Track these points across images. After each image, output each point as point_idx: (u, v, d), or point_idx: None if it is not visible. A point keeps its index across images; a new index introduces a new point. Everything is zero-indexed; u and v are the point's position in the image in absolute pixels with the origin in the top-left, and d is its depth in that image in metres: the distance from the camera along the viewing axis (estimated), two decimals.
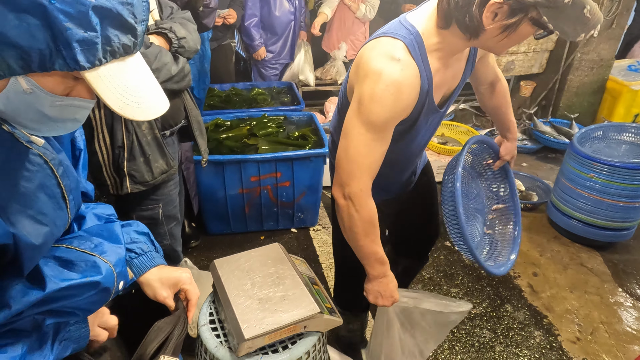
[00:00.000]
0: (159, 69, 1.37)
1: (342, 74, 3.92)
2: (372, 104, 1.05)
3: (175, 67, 1.44)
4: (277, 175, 2.46)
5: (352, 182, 1.14)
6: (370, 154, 1.12)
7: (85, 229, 0.86)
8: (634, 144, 2.58)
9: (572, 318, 2.16)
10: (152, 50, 1.35)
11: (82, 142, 0.92)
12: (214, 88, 3.32)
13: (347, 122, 1.12)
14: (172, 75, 1.42)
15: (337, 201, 1.22)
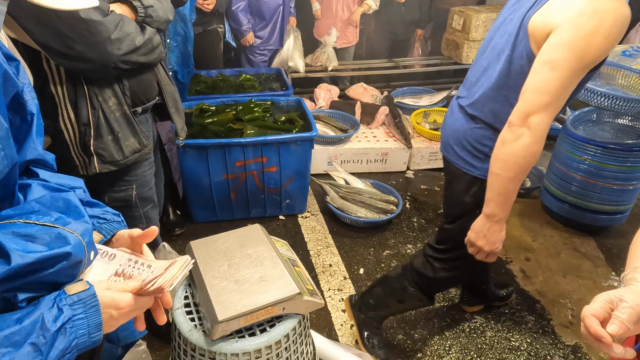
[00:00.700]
0: (120, 39, 1.28)
1: (333, 61, 3.85)
2: (596, 38, 1.05)
3: (141, 38, 1.35)
4: (263, 160, 2.39)
5: (542, 112, 1.12)
6: (569, 89, 1.12)
7: (37, 199, 0.79)
8: (628, 127, 2.53)
9: (565, 303, 2.12)
10: (112, 18, 1.27)
11: (35, 106, 0.85)
12: (200, 74, 3.24)
13: (557, 55, 1.10)
14: (136, 47, 1.34)
15: (510, 129, 1.17)
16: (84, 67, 1.29)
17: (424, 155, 3.20)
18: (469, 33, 3.70)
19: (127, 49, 1.32)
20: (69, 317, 0.61)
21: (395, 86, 4.32)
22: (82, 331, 0.62)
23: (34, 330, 0.56)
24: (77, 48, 1.24)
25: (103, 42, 1.26)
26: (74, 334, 0.60)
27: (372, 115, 3.38)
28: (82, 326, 0.62)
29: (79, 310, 0.62)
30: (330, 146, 3.06)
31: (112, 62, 1.31)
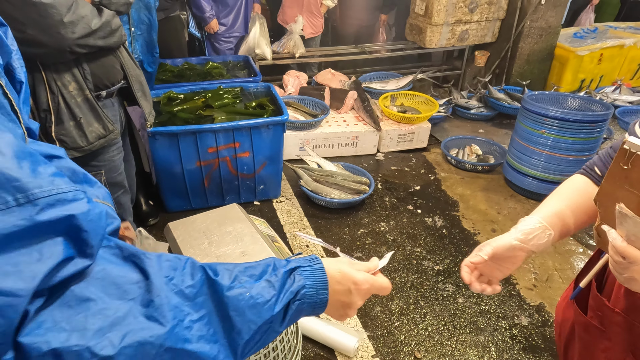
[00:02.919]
0: (74, 22, 1.25)
1: (300, 48, 3.86)
2: None
3: (97, 20, 1.32)
4: (236, 145, 2.39)
5: None
6: None
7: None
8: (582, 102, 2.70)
9: (528, 267, 2.26)
10: (64, 1, 1.24)
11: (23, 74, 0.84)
12: (165, 63, 3.18)
13: None
14: (92, 30, 1.30)
15: None
16: (39, 52, 1.26)
17: (392, 137, 3.29)
18: (431, 17, 3.79)
19: (82, 32, 1.29)
20: (296, 265, 0.63)
21: (362, 72, 4.38)
22: (309, 282, 0.62)
23: (267, 271, 0.59)
24: (29, 32, 1.21)
25: (56, 26, 1.23)
26: (303, 281, 0.61)
27: (341, 100, 3.42)
28: (310, 278, 0.62)
29: (305, 265, 0.63)
30: (302, 131, 3.08)
31: (67, 46, 1.27)
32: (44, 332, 0.39)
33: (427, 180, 3.00)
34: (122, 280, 0.46)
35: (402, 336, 1.86)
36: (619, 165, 0.67)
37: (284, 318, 0.59)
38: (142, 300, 0.46)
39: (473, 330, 1.90)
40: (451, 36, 3.97)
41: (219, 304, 0.53)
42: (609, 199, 0.71)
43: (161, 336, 0.45)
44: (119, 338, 0.42)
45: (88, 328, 0.41)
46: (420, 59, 4.73)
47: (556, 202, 0.91)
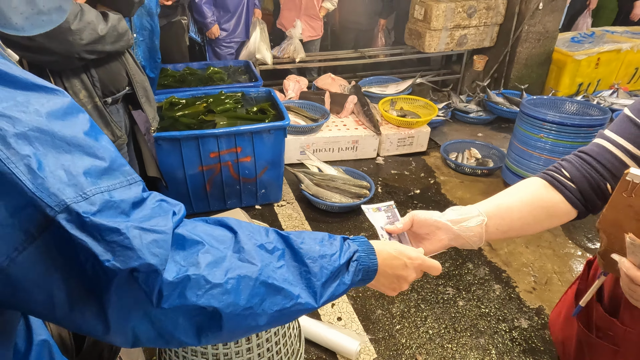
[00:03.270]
0: (80, 30, 1.26)
1: (300, 53, 3.89)
2: None
3: (104, 26, 1.34)
4: (237, 150, 2.41)
5: None
6: None
7: None
8: (580, 106, 2.73)
9: (528, 271, 2.28)
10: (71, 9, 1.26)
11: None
12: (167, 68, 3.20)
13: None
14: (100, 36, 1.32)
15: None
16: (47, 59, 1.28)
17: (392, 141, 3.31)
18: (430, 22, 3.83)
19: (89, 38, 1.31)
20: (346, 237, 0.74)
21: (361, 76, 4.41)
22: (360, 248, 0.72)
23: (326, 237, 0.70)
24: (38, 40, 1.23)
25: (63, 33, 1.25)
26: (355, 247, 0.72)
27: (341, 105, 3.45)
28: (360, 245, 0.72)
29: (352, 237, 0.75)
30: (302, 136, 3.11)
31: (75, 53, 1.29)
32: (171, 266, 0.51)
33: (427, 184, 3.03)
34: (217, 233, 0.59)
35: (403, 339, 1.88)
36: (622, 195, 0.69)
37: (347, 271, 0.69)
38: (234, 248, 0.58)
39: (473, 333, 1.92)
40: (450, 41, 4.00)
41: (294, 254, 0.64)
42: (614, 227, 0.73)
43: (255, 272, 0.57)
44: (224, 272, 0.55)
45: (200, 264, 0.53)
46: (419, 63, 4.77)
47: (503, 197, 0.86)
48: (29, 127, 0.43)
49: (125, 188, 0.49)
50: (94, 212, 0.45)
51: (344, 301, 2.05)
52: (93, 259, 0.45)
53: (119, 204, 0.47)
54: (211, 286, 0.53)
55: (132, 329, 0.51)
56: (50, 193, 0.43)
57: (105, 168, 0.48)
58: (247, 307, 0.56)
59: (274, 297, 0.59)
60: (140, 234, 0.47)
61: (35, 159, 0.43)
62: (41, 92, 0.47)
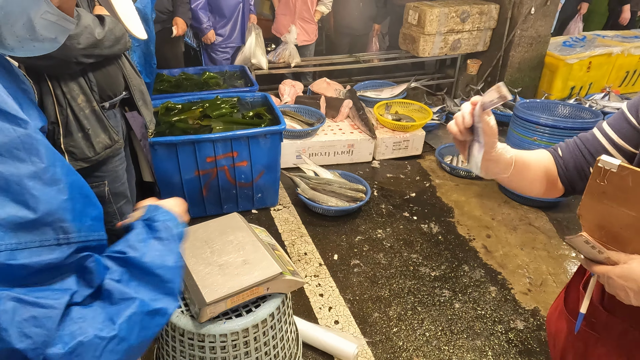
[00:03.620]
0: (78, 34, 1.27)
1: (295, 57, 3.91)
2: None
3: (101, 30, 1.34)
4: (234, 154, 2.42)
5: None
6: None
7: None
8: (572, 109, 2.76)
9: (523, 272, 2.30)
10: None
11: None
12: (162, 73, 3.21)
13: None
14: (97, 40, 1.32)
15: None
16: (45, 64, 1.28)
17: (388, 145, 3.33)
18: (424, 27, 3.86)
19: (86, 42, 1.31)
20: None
21: (356, 80, 4.44)
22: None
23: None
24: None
25: None
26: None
27: (336, 109, 3.47)
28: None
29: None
30: (298, 140, 3.12)
31: (73, 57, 1.30)
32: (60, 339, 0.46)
33: (422, 187, 3.05)
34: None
35: (400, 342, 1.89)
36: (596, 181, 0.72)
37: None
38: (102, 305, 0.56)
39: (470, 335, 1.93)
40: (444, 45, 4.04)
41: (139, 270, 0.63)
42: (589, 212, 0.76)
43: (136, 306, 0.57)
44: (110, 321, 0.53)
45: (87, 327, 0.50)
46: (413, 67, 4.80)
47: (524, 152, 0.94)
48: None
49: (44, 249, 0.44)
50: None
51: (341, 305, 2.06)
52: None
53: (16, 269, 0.41)
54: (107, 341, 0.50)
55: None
56: None
57: (32, 220, 0.43)
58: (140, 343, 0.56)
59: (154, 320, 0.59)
60: (15, 307, 0.41)
61: None
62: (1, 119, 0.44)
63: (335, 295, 2.12)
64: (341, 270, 2.27)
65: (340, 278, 2.22)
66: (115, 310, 0.53)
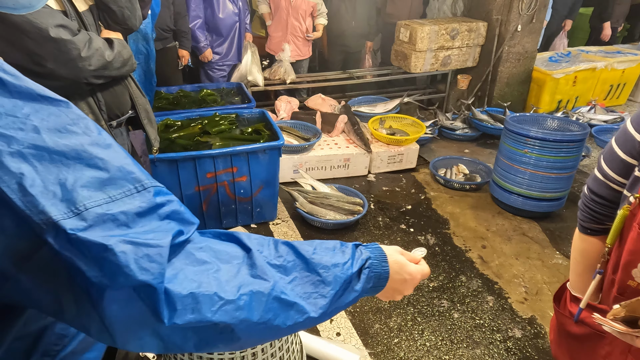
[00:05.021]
0: (90, 57, 1.32)
1: (290, 74, 3.99)
2: None
3: (110, 52, 1.40)
4: (234, 170, 2.46)
5: None
6: None
7: None
8: (561, 122, 2.86)
9: (519, 282, 2.35)
10: (81, 36, 1.32)
11: None
12: (160, 91, 3.26)
13: None
14: (107, 62, 1.38)
15: None
16: (56, 85, 1.32)
17: (383, 159, 3.40)
18: (415, 44, 3.98)
19: (97, 64, 1.37)
20: (359, 243, 0.76)
21: (350, 96, 4.54)
22: (373, 255, 0.73)
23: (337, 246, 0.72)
24: (49, 66, 1.28)
25: (74, 60, 1.31)
26: (368, 254, 0.73)
27: (332, 124, 3.54)
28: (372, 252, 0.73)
29: (365, 244, 0.76)
30: (295, 155, 3.17)
31: (83, 78, 1.35)
32: (181, 282, 0.51)
33: (418, 200, 3.10)
34: (229, 250, 0.60)
35: (401, 352, 1.91)
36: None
37: (359, 279, 0.69)
38: (245, 265, 0.59)
39: (470, 344, 1.96)
40: (435, 61, 4.16)
41: (306, 264, 0.64)
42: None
43: (267, 287, 0.58)
44: (236, 287, 0.55)
45: (211, 281, 0.53)
46: (405, 83, 4.92)
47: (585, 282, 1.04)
48: (25, 144, 0.44)
49: (130, 197, 0.49)
50: (83, 227, 0.45)
51: (342, 316, 2.08)
52: (80, 275, 0.45)
53: (117, 216, 0.47)
54: (224, 302, 0.53)
55: (139, 342, 0.51)
56: (38, 211, 0.43)
57: (109, 178, 0.48)
58: (260, 322, 0.56)
59: (287, 312, 0.59)
60: (130, 249, 0.46)
61: (30, 177, 0.43)
62: (45, 103, 0.48)
63: None
64: None
65: None
66: (246, 281, 0.56)
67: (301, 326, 0.62)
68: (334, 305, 0.65)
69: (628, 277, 0.90)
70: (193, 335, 0.53)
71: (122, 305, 0.47)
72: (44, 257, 0.45)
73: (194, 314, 0.51)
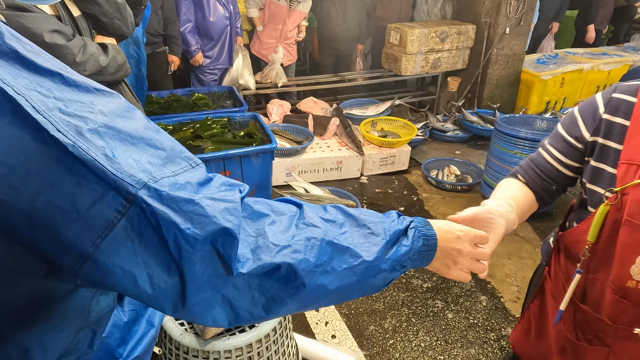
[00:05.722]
0: (84, 62, 1.32)
1: (282, 78, 4.00)
2: None
3: (105, 58, 1.40)
4: (227, 173, 2.45)
5: None
6: None
7: None
8: (549, 123, 2.90)
9: (511, 281, 2.37)
10: (76, 42, 1.31)
11: None
12: (151, 95, 3.24)
13: None
14: (102, 67, 1.38)
15: None
16: None
17: (375, 161, 3.42)
18: (405, 47, 4.01)
19: (92, 69, 1.36)
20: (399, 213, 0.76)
21: (342, 99, 4.55)
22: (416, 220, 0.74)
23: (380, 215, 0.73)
24: None
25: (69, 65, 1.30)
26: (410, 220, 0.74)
27: (324, 127, 3.55)
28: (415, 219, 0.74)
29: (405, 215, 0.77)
30: (288, 158, 3.18)
31: None
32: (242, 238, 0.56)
33: (411, 201, 3.12)
34: (282, 207, 0.65)
35: (397, 353, 1.92)
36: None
37: (406, 236, 0.71)
38: (298, 217, 0.64)
39: (464, 344, 1.97)
40: (425, 64, 4.20)
41: (355, 221, 0.68)
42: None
43: (320, 233, 0.62)
44: (290, 236, 0.60)
45: (267, 231, 0.59)
46: (396, 85, 4.96)
47: (509, 191, 1.05)
48: (98, 124, 0.49)
49: (189, 172, 0.54)
50: (167, 190, 0.50)
51: (337, 319, 2.08)
52: (175, 228, 0.49)
53: (186, 185, 0.52)
54: (281, 247, 0.58)
55: (211, 313, 0.55)
56: (129, 174, 0.48)
57: (167, 156, 0.53)
58: (317, 264, 0.60)
59: (341, 256, 0.63)
60: (212, 203, 0.52)
61: (109, 150, 0.48)
62: (100, 94, 0.53)
63: (330, 310, 2.14)
64: None
65: None
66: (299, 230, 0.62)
67: (359, 272, 0.65)
68: (387, 254, 0.68)
69: (626, 276, 0.86)
70: (260, 295, 0.57)
71: (203, 263, 0.51)
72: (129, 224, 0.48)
73: (254, 263, 0.55)
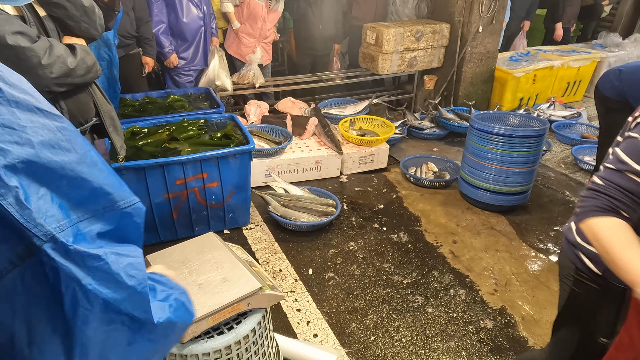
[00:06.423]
0: (51, 64, 1.28)
1: (260, 78, 3.97)
2: None
3: (73, 59, 1.36)
4: (204, 175, 2.42)
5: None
6: None
7: None
8: (522, 119, 2.97)
9: (489, 274, 2.42)
10: (41, 44, 1.28)
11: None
12: (125, 98, 3.18)
13: None
14: (70, 69, 1.34)
15: None
16: None
17: (354, 160, 3.43)
18: (382, 46, 4.05)
19: (59, 72, 1.32)
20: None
21: (320, 99, 4.56)
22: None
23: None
24: None
25: (34, 68, 1.26)
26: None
27: (302, 127, 3.55)
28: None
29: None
30: (267, 159, 3.16)
31: (45, 86, 1.31)
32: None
33: (390, 199, 3.15)
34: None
35: (378, 350, 1.93)
36: None
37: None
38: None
39: (444, 337, 2.00)
40: (401, 63, 4.24)
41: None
42: None
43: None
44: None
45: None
46: (373, 84, 4.99)
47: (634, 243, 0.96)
48: (19, 159, 0.46)
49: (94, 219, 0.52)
50: (72, 241, 0.48)
51: (318, 318, 2.09)
52: (75, 284, 0.47)
53: (91, 233, 0.51)
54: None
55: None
56: (36, 224, 0.45)
57: (84, 198, 0.51)
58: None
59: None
60: (116, 258, 0.51)
61: (23, 191, 0.45)
62: (42, 115, 0.50)
63: (312, 309, 2.14)
64: (317, 284, 2.30)
65: (316, 292, 2.25)
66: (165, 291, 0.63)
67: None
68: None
69: None
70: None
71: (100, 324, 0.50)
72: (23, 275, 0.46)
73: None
